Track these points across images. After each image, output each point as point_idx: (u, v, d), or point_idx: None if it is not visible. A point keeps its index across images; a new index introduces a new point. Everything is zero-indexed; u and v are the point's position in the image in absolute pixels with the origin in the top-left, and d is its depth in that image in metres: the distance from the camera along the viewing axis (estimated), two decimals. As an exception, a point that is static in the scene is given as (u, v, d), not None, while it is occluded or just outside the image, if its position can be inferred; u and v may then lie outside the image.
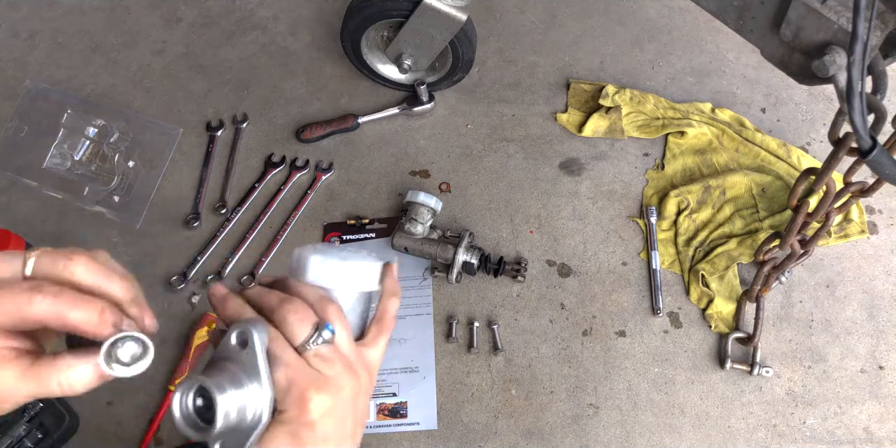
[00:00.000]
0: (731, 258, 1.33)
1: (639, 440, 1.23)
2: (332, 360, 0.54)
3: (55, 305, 0.44)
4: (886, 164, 0.81)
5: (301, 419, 0.51)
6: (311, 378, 0.52)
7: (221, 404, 0.48)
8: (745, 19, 0.92)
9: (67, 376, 0.45)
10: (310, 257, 0.56)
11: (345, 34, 1.38)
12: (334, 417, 0.53)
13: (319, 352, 0.53)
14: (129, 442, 1.25)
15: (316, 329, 0.53)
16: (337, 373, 0.54)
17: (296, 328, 0.53)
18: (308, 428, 0.51)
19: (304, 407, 0.51)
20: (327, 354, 0.54)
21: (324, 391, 0.52)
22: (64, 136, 1.46)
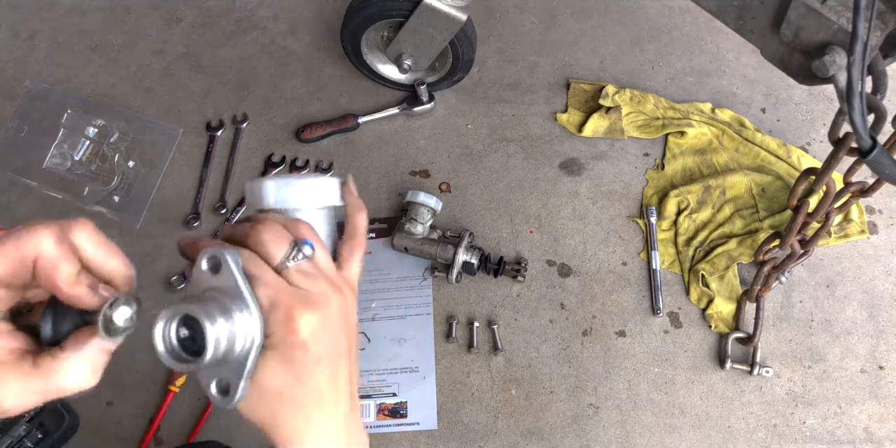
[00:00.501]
0: (731, 258, 1.33)
1: (639, 440, 1.23)
2: (314, 276, 0.51)
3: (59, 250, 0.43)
4: (886, 164, 0.81)
5: (291, 340, 0.48)
6: (296, 296, 0.49)
7: (210, 332, 0.44)
8: (745, 19, 0.92)
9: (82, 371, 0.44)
10: (264, 183, 0.54)
11: (345, 34, 1.38)
12: (326, 335, 0.49)
13: (301, 268, 0.50)
14: (129, 442, 1.25)
15: (294, 245, 0.50)
16: (321, 289, 0.51)
17: (272, 247, 0.50)
18: (300, 348, 0.48)
19: (291, 326, 0.48)
20: (309, 270, 0.51)
21: (311, 308, 0.48)
22: (64, 136, 1.46)
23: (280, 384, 0.49)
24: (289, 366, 0.49)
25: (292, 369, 0.49)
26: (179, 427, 1.26)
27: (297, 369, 0.49)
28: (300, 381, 0.49)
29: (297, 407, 0.50)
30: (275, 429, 0.51)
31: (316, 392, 0.50)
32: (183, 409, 1.27)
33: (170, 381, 1.26)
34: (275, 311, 0.48)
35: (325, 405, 0.51)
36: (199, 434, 1.25)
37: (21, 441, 1.21)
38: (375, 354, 1.30)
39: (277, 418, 0.50)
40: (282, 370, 0.48)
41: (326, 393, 0.51)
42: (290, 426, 0.51)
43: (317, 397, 0.51)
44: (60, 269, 0.44)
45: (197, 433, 1.25)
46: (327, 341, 0.50)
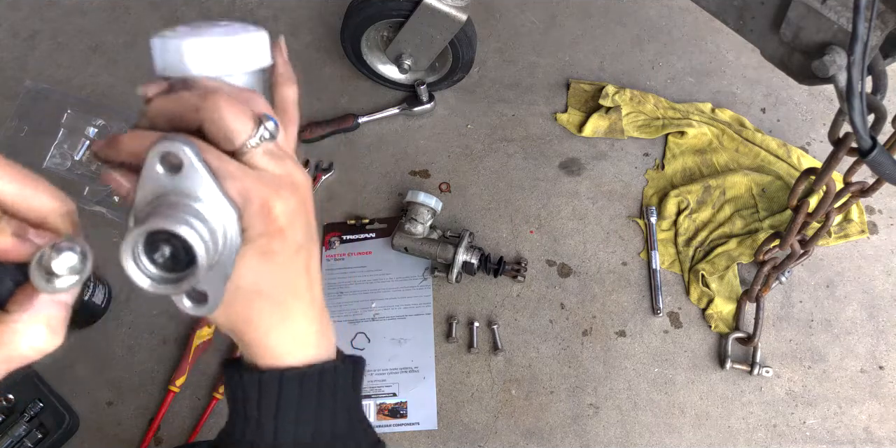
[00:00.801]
0: (731, 258, 1.33)
1: (639, 440, 1.23)
2: (280, 156, 0.45)
3: None
4: (886, 164, 0.81)
5: (269, 229, 0.44)
6: (267, 182, 0.43)
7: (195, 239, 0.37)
8: (745, 19, 0.92)
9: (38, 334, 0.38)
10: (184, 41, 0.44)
11: (345, 34, 1.38)
12: (300, 220, 0.46)
13: (267, 148, 0.43)
14: (129, 442, 1.25)
15: (259, 122, 0.43)
16: (289, 169, 0.45)
17: (233, 124, 0.42)
18: (278, 237, 0.44)
19: (269, 216, 0.43)
20: (274, 150, 0.44)
21: (284, 193, 0.44)
22: (64, 136, 1.46)
23: (258, 280, 0.46)
24: (267, 259, 0.45)
25: (271, 262, 0.45)
26: (179, 427, 1.26)
27: (277, 262, 0.46)
28: (279, 273, 0.46)
29: (275, 302, 0.48)
30: (249, 330, 0.48)
31: (294, 283, 0.48)
32: (183, 409, 1.27)
33: (170, 381, 1.26)
34: (249, 204, 0.42)
35: (302, 295, 0.49)
36: (199, 434, 1.25)
37: (21, 441, 1.21)
38: (375, 354, 1.30)
39: (254, 318, 0.47)
40: (260, 265, 0.45)
41: (302, 282, 0.49)
42: (267, 323, 0.48)
43: (294, 288, 0.48)
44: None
45: (197, 433, 1.25)
46: (302, 226, 0.46)
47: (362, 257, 1.39)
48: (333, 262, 1.39)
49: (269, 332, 0.49)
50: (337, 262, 1.39)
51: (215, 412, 1.26)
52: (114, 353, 1.30)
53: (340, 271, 1.38)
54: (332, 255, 1.39)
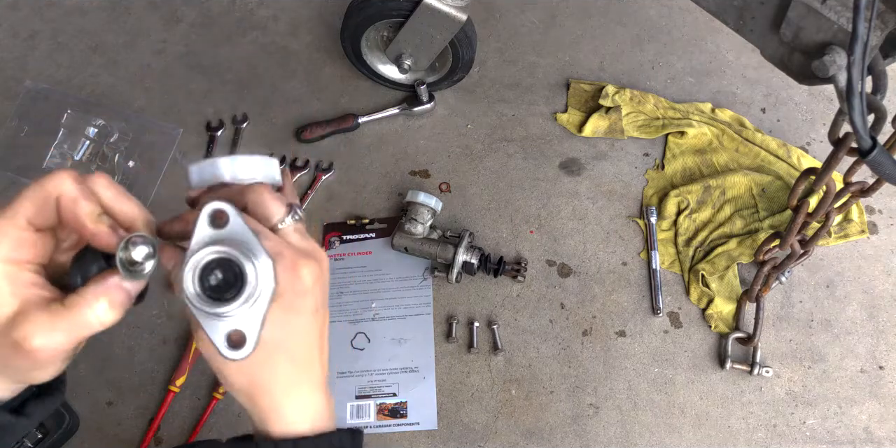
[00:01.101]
0: (731, 258, 1.33)
1: (639, 440, 1.23)
2: (306, 236, 0.54)
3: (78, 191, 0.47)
4: (886, 164, 0.81)
5: (295, 288, 0.50)
6: (297, 248, 0.51)
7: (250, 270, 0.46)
8: (745, 19, 0.92)
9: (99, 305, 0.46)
10: (218, 160, 0.55)
11: (345, 34, 1.38)
12: (319, 287, 0.52)
13: (296, 227, 0.53)
14: (129, 442, 1.25)
15: (290, 207, 0.53)
16: (313, 246, 0.54)
17: (271, 207, 0.52)
18: (301, 296, 0.51)
19: (296, 275, 0.50)
20: (302, 230, 0.54)
21: (310, 260, 0.51)
22: (64, 136, 1.46)
23: (281, 336, 0.50)
24: (292, 315, 0.51)
25: (294, 320, 0.51)
26: (179, 427, 1.26)
27: (299, 320, 0.51)
28: (300, 331, 0.52)
29: (293, 361, 0.52)
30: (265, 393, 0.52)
31: (310, 345, 0.53)
32: (183, 409, 1.27)
33: (170, 381, 1.26)
34: (280, 260, 0.49)
35: (315, 359, 0.54)
36: (199, 434, 1.25)
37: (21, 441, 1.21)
38: (375, 354, 1.30)
39: (271, 380, 0.52)
40: (284, 320, 0.50)
41: (316, 346, 0.53)
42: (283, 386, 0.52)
43: (310, 350, 0.53)
44: (82, 206, 0.47)
45: (197, 433, 1.25)
46: (320, 295, 0.52)
47: (362, 257, 1.39)
48: (333, 262, 1.39)
49: (284, 398, 0.53)
50: (337, 262, 1.39)
51: (215, 412, 1.26)
52: (114, 353, 1.30)
53: (340, 271, 1.38)
54: (332, 255, 1.39)
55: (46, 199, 0.47)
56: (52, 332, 0.45)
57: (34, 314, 0.45)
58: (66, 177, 0.47)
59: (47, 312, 0.45)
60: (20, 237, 0.47)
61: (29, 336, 0.44)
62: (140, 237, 0.47)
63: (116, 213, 0.49)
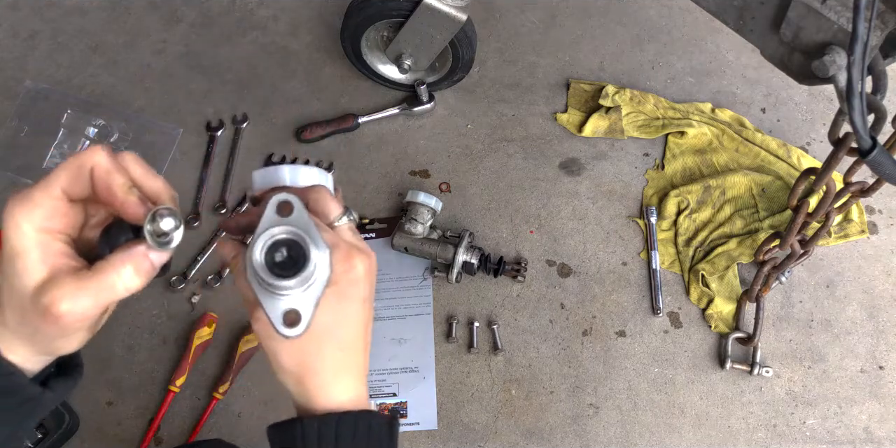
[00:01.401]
0: (731, 258, 1.33)
1: (639, 440, 1.23)
2: (357, 234, 0.59)
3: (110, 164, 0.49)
4: (886, 164, 0.81)
5: (348, 276, 0.54)
6: (351, 242, 0.56)
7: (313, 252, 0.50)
8: (745, 19, 0.92)
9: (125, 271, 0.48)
10: (281, 167, 0.61)
11: (345, 34, 1.38)
12: (368, 281, 0.56)
13: (350, 226, 0.58)
14: (129, 442, 1.25)
15: (346, 209, 0.58)
16: (364, 244, 0.58)
17: (330, 206, 0.57)
18: (353, 285, 0.55)
19: (350, 264, 0.54)
20: (355, 229, 0.59)
21: (363, 254, 0.56)
22: (64, 136, 1.46)
23: (330, 321, 0.54)
24: (343, 303, 0.54)
25: (345, 307, 0.55)
26: (179, 427, 1.26)
27: (350, 307, 0.55)
28: (349, 319, 0.55)
29: (341, 347, 0.55)
30: (312, 373, 0.55)
31: (357, 332, 0.56)
32: (183, 409, 1.27)
33: (170, 381, 1.26)
34: (336, 250, 0.54)
35: (359, 347, 0.57)
36: (199, 434, 1.25)
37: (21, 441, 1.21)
38: (375, 354, 1.30)
39: (316, 362, 0.55)
40: (336, 306, 0.54)
41: (362, 335, 0.57)
42: (330, 368, 0.55)
43: (356, 337, 0.56)
44: (115, 178, 0.49)
45: (197, 433, 1.25)
46: (369, 286, 0.56)
47: (362, 257, 1.38)
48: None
49: (330, 380, 0.56)
50: (337, 262, 1.39)
51: (215, 412, 1.26)
52: (114, 353, 1.30)
53: (340, 271, 1.38)
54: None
55: (81, 170, 0.49)
56: (78, 296, 0.46)
57: (62, 280, 0.47)
58: (101, 150, 0.49)
59: (75, 278, 0.47)
60: (54, 207, 0.48)
61: (57, 300, 0.46)
62: (167, 209, 0.49)
63: (144, 188, 0.52)
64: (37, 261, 0.47)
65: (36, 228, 0.47)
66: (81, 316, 0.47)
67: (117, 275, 0.48)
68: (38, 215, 0.47)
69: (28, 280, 0.47)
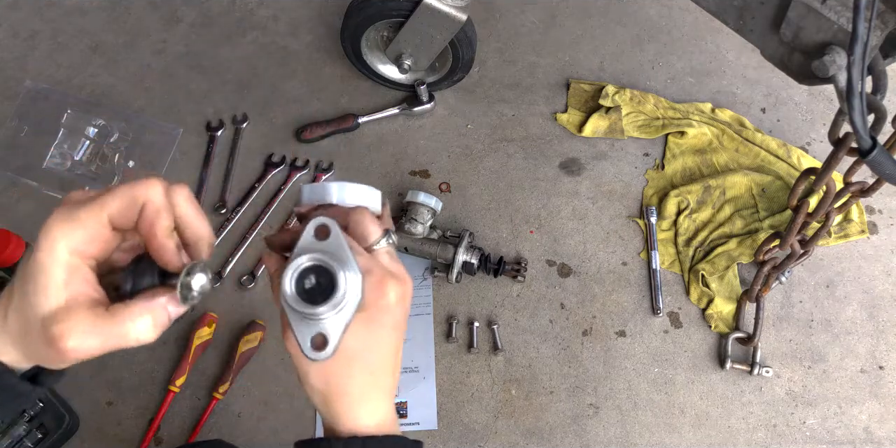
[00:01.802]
0: (731, 258, 1.33)
1: (639, 440, 1.23)
2: (396, 259, 0.58)
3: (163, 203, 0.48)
4: (886, 164, 0.81)
5: (379, 303, 0.54)
6: (386, 268, 0.56)
7: (341, 278, 0.50)
8: (745, 19, 0.92)
9: (142, 322, 0.47)
10: (329, 184, 0.61)
11: (345, 34, 1.38)
12: (401, 308, 0.55)
13: (388, 250, 0.58)
14: (129, 442, 1.25)
15: (386, 232, 0.58)
16: (401, 270, 0.57)
17: (370, 229, 0.57)
18: (384, 312, 0.54)
19: (382, 291, 0.54)
20: (394, 253, 0.58)
21: (397, 280, 0.55)
22: (64, 136, 1.46)
23: (359, 346, 0.54)
24: (372, 328, 0.54)
25: (374, 332, 0.54)
26: (179, 427, 1.26)
27: (379, 333, 0.55)
28: (378, 344, 0.55)
29: (369, 371, 0.55)
30: (341, 395, 0.55)
31: (386, 358, 0.56)
32: (183, 409, 1.27)
33: (170, 381, 1.26)
34: (369, 276, 0.53)
35: (388, 373, 0.57)
36: (199, 434, 1.25)
37: (21, 441, 1.21)
38: (375, 354, 1.30)
39: (346, 384, 0.55)
40: (363, 331, 0.53)
41: (391, 360, 0.57)
42: (357, 392, 0.55)
43: (385, 363, 0.56)
44: (162, 218, 0.48)
45: (197, 433, 1.25)
46: (401, 313, 0.56)
47: (362, 257, 1.39)
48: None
49: (356, 403, 0.56)
50: (337, 262, 1.39)
51: (215, 412, 1.26)
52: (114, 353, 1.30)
53: (340, 271, 1.38)
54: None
55: (133, 202, 0.48)
56: (89, 336, 0.46)
57: (78, 314, 0.46)
58: (158, 185, 0.48)
59: (92, 316, 0.46)
60: (96, 232, 0.47)
61: (66, 335, 0.45)
62: (201, 266, 0.49)
63: (188, 229, 0.51)
64: (59, 283, 0.46)
65: (70, 250, 0.46)
66: (85, 354, 0.46)
67: (133, 324, 0.47)
68: (78, 237, 0.46)
69: (44, 301, 0.46)
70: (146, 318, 0.47)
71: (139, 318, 0.47)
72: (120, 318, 0.46)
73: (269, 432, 1.25)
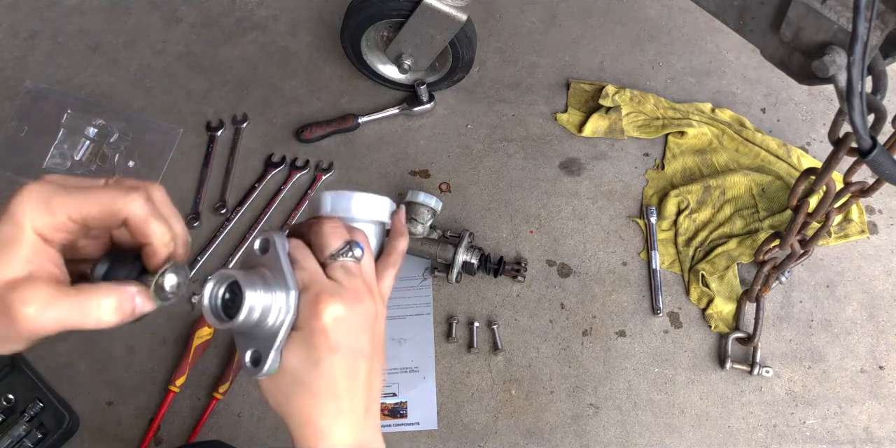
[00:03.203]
0: (731, 258, 1.33)
1: (639, 440, 1.23)
2: (355, 274, 0.54)
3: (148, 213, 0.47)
4: (886, 164, 0.81)
5: (313, 324, 0.51)
6: (328, 285, 0.52)
7: (248, 299, 0.49)
8: (745, 19, 0.92)
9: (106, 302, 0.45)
10: (326, 194, 0.60)
11: (345, 34, 1.38)
12: (348, 330, 0.52)
13: (345, 264, 0.54)
14: (129, 442, 1.25)
15: (347, 244, 0.55)
16: (357, 287, 0.54)
17: (328, 239, 0.54)
18: (320, 334, 0.51)
19: (316, 311, 0.51)
20: (351, 269, 0.54)
21: (338, 299, 0.51)
22: (64, 136, 1.46)
23: (297, 366, 0.51)
24: (307, 349, 0.51)
25: (310, 353, 0.51)
26: (179, 427, 1.26)
27: (314, 354, 0.51)
28: (315, 366, 0.51)
29: (311, 394, 0.52)
30: (290, 415, 0.53)
31: (330, 382, 0.52)
32: (183, 409, 1.27)
33: (170, 381, 1.26)
34: (305, 293, 0.51)
35: (340, 398, 0.53)
36: (199, 434, 1.25)
37: (21, 441, 1.21)
38: (375, 354, 1.30)
39: (293, 403, 0.53)
40: (301, 352, 0.51)
41: (342, 386, 0.53)
42: (303, 413, 0.52)
43: (331, 388, 0.52)
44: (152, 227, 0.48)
45: (197, 433, 1.25)
46: (348, 335, 0.52)
47: (362, 257, 1.38)
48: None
49: (303, 426, 0.53)
50: (337, 262, 1.39)
51: (215, 412, 1.26)
52: (114, 353, 1.30)
53: (340, 271, 1.38)
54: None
55: (113, 216, 0.47)
56: (49, 306, 0.44)
57: (39, 284, 0.44)
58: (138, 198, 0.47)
59: (54, 289, 0.44)
60: (64, 225, 0.46)
61: (26, 301, 0.43)
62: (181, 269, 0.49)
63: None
64: (21, 258, 0.44)
65: (37, 229, 0.45)
66: (40, 327, 0.44)
67: (97, 303, 0.45)
68: (46, 222, 0.45)
69: (6, 270, 0.44)
70: (111, 299, 0.46)
71: (105, 299, 0.45)
72: (85, 295, 0.45)
73: (269, 432, 1.25)
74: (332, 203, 0.60)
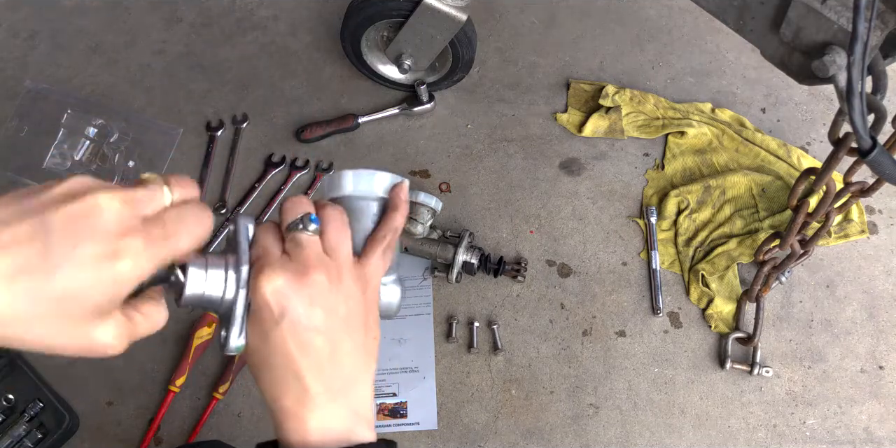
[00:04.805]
0: (731, 258, 1.33)
1: (639, 440, 1.23)
2: (305, 248, 0.52)
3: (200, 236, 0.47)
4: (886, 164, 0.81)
5: (256, 297, 0.50)
6: (274, 258, 0.51)
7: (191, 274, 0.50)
8: (745, 19, 0.92)
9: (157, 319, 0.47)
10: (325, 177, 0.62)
11: (345, 34, 1.38)
12: (291, 301, 0.50)
13: (296, 237, 0.52)
14: (129, 442, 1.25)
15: (302, 217, 0.53)
16: (304, 260, 0.51)
17: (284, 214, 0.54)
18: (264, 307, 0.50)
19: (256, 283, 0.50)
20: (303, 242, 0.52)
21: (279, 270, 0.50)
22: (64, 136, 1.46)
23: (253, 342, 0.52)
24: (257, 324, 0.51)
25: (259, 327, 0.51)
26: (179, 427, 1.26)
27: (262, 327, 0.51)
28: (265, 341, 0.51)
29: (270, 370, 0.52)
30: (263, 395, 0.53)
31: (284, 358, 0.51)
32: (183, 409, 1.27)
33: (170, 381, 1.26)
34: (253, 268, 0.51)
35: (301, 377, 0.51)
36: (199, 434, 1.25)
37: (21, 441, 1.21)
38: (375, 354, 1.30)
39: (261, 382, 0.53)
40: (254, 329, 0.51)
41: (301, 364, 0.51)
42: (270, 392, 0.52)
43: (287, 365, 0.51)
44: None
45: (197, 433, 1.25)
46: (293, 308, 0.50)
47: (362, 257, 1.38)
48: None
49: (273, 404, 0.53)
50: (337, 262, 1.39)
51: (215, 412, 1.26)
52: (114, 353, 1.30)
53: (340, 271, 1.38)
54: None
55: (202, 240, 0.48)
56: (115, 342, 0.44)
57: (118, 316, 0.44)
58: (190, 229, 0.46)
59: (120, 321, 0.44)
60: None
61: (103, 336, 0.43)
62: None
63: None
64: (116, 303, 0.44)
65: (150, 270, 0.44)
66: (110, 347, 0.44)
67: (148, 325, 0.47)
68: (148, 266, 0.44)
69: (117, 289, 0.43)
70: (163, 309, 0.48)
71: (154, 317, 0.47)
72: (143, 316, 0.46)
73: (269, 432, 1.24)
74: (328, 184, 0.60)
